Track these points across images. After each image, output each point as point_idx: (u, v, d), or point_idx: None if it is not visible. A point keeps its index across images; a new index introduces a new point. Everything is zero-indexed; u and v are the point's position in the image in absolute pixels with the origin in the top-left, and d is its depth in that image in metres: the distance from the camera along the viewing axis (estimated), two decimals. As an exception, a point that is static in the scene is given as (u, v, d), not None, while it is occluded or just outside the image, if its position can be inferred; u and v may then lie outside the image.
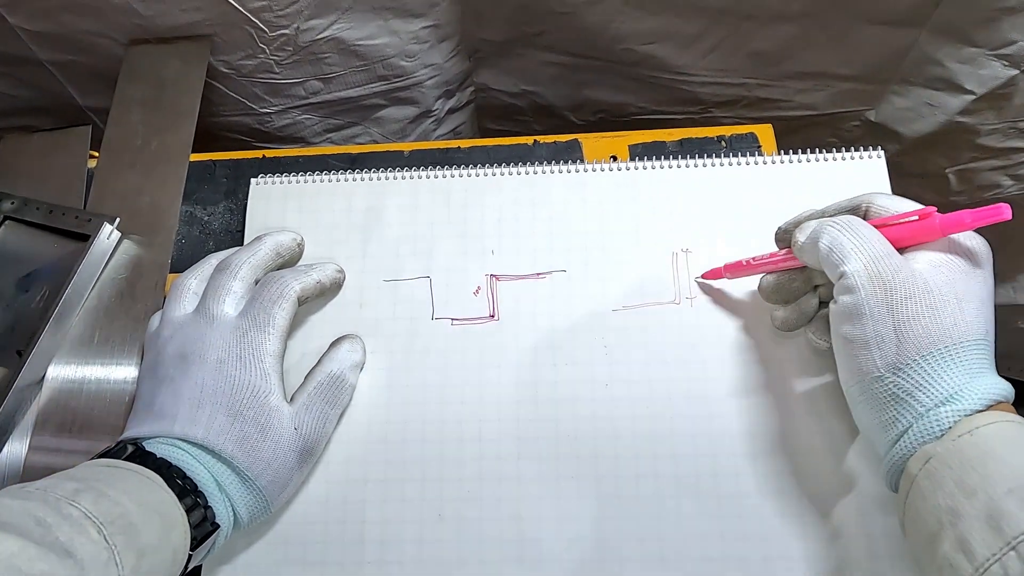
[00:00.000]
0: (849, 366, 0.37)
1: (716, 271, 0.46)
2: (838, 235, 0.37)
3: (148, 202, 0.52)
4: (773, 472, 0.42)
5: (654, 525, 0.42)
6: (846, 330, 0.36)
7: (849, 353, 0.36)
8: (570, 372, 0.46)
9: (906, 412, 0.34)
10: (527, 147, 0.54)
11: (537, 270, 0.48)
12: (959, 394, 0.33)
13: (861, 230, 0.37)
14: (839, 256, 0.36)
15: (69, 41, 0.58)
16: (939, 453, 0.33)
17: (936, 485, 0.32)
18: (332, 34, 0.59)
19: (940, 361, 0.34)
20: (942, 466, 0.32)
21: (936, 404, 0.34)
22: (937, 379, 0.34)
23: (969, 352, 0.34)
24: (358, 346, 0.46)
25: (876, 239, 0.36)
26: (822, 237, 0.37)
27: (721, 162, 0.50)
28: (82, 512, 0.33)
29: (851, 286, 0.36)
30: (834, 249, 0.36)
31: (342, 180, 0.51)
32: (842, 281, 0.36)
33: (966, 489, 0.31)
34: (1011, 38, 0.56)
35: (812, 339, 0.43)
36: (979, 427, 0.32)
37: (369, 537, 0.43)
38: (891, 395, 0.35)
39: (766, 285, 0.43)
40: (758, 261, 0.43)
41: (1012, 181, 0.69)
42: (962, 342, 0.34)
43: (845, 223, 0.37)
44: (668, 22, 0.60)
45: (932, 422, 0.33)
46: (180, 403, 0.40)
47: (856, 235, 0.36)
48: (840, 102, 0.68)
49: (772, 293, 0.43)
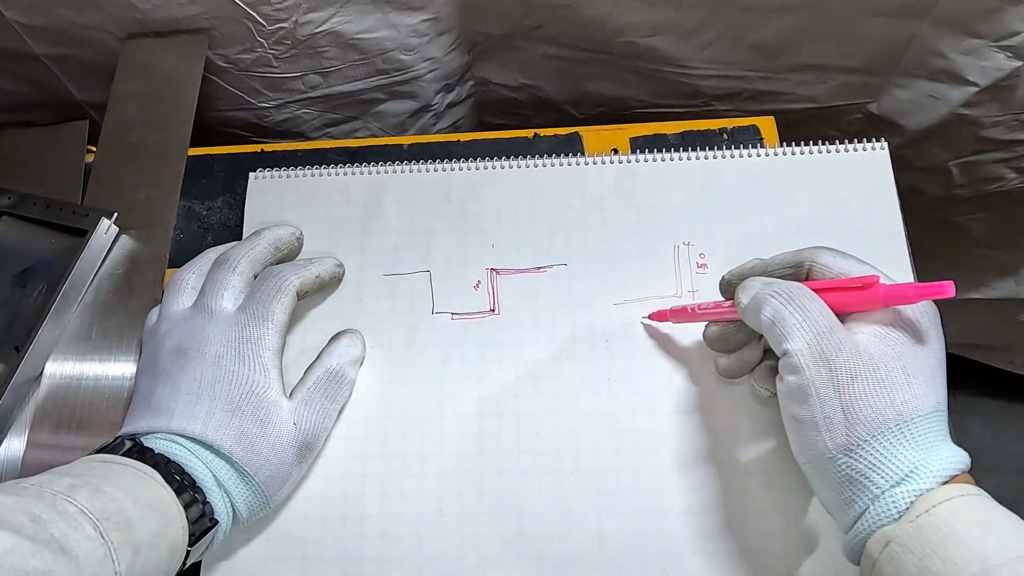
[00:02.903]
0: (800, 446, 0.36)
1: (662, 313, 0.45)
2: (780, 308, 0.36)
3: (146, 197, 0.52)
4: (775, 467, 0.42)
5: (655, 520, 0.42)
6: (794, 411, 0.35)
7: (799, 433, 0.35)
8: (571, 366, 0.45)
9: (862, 494, 0.34)
10: (527, 140, 0.54)
11: (538, 264, 0.48)
12: (915, 472, 0.33)
13: (804, 302, 0.35)
14: (781, 332, 0.35)
15: (65, 35, 0.57)
16: (899, 535, 0.32)
17: (898, 571, 0.32)
18: (331, 28, 0.58)
19: (892, 440, 0.33)
20: (903, 550, 0.32)
21: (891, 485, 0.33)
22: (891, 458, 0.33)
23: (921, 427, 0.34)
24: (358, 341, 0.46)
25: (819, 312, 0.35)
26: (763, 308, 0.36)
27: (723, 154, 0.49)
28: (78, 508, 0.33)
29: (795, 366, 0.35)
30: (776, 323, 0.36)
31: (341, 174, 0.51)
32: (786, 359, 0.35)
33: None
34: (1015, 29, 0.55)
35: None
36: (937, 504, 0.32)
37: (368, 532, 0.43)
38: (845, 476, 0.34)
39: (710, 334, 0.42)
40: (703, 310, 0.42)
41: (1015, 174, 0.68)
42: (913, 418, 0.34)
43: (787, 293, 0.36)
44: (668, 15, 0.60)
45: (889, 504, 0.33)
46: (178, 398, 0.40)
47: (799, 308, 0.35)
48: (842, 94, 0.67)
49: (715, 342, 0.42)
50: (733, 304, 0.39)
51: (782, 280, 0.38)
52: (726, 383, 0.44)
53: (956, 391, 1.21)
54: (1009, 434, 1.13)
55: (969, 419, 1.10)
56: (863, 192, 0.48)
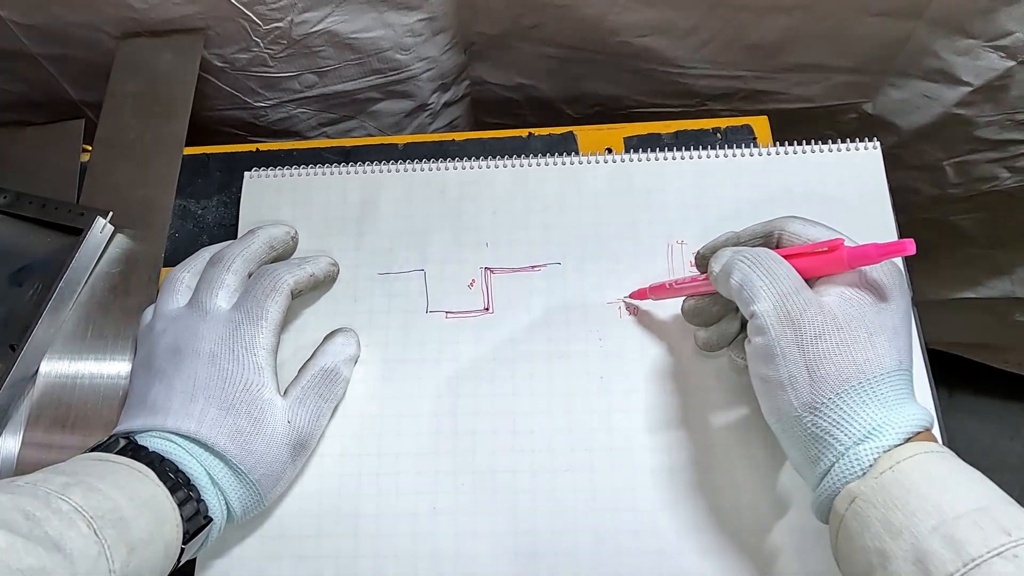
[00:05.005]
0: (768, 406, 0.37)
1: (642, 291, 0.46)
2: (748, 271, 0.36)
3: (141, 196, 0.52)
4: (767, 465, 0.42)
5: (650, 517, 0.42)
6: (761, 371, 0.36)
7: (767, 393, 0.36)
8: (564, 365, 0.45)
9: (827, 451, 0.34)
10: (522, 139, 0.54)
11: (532, 263, 0.48)
12: (878, 430, 0.33)
13: (771, 265, 0.36)
14: (749, 294, 0.36)
15: (61, 35, 0.57)
16: (863, 492, 0.33)
17: (863, 526, 0.32)
18: (326, 27, 0.59)
19: (855, 398, 0.34)
20: (867, 505, 0.32)
21: (855, 442, 0.33)
22: (854, 416, 0.34)
23: (883, 385, 0.34)
24: (352, 339, 0.46)
25: (785, 274, 0.36)
26: (733, 272, 0.37)
27: (717, 154, 0.50)
28: (72, 506, 0.33)
29: (762, 327, 0.36)
30: (744, 287, 0.36)
31: (336, 173, 0.51)
32: (753, 321, 0.36)
33: (892, 529, 0.31)
34: (1008, 29, 0.55)
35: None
36: (900, 461, 0.32)
37: (363, 530, 0.43)
38: (811, 434, 0.35)
39: (688, 308, 0.43)
40: (680, 284, 0.43)
41: (1009, 173, 0.69)
42: (876, 376, 0.34)
43: (754, 258, 0.37)
44: (664, 15, 0.60)
45: (853, 460, 0.33)
46: (173, 396, 0.40)
47: (766, 271, 0.36)
48: (837, 94, 0.68)
49: (693, 316, 0.43)
50: (707, 277, 0.40)
51: (751, 247, 0.39)
52: (718, 380, 0.44)
53: (951, 390, 1.22)
54: (1004, 433, 1.13)
55: (963, 418, 1.11)
56: (856, 191, 0.48)
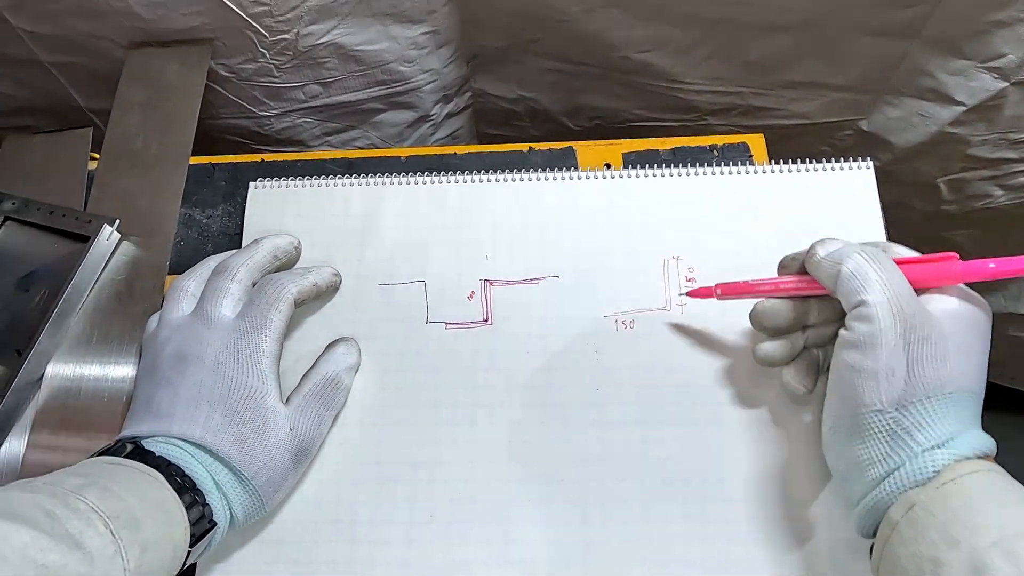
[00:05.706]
0: (846, 395, 0.36)
1: (707, 290, 0.43)
2: (864, 263, 0.36)
3: (147, 204, 0.53)
4: (759, 478, 0.43)
5: (641, 528, 0.43)
6: (854, 358, 0.36)
7: (851, 382, 0.36)
8: (561, 376, 0.46)
9: (901, 450, 0.35)
10: (522, 154, 0.55)
11: (531, 275, 0.49)
12: (954, 439, 0.34)
13: (887, 263, 0.37)
14: (861, 284, 0.36)
15: (71, 43, 0.58)
16: (922, 500, 0.33)
17: (919, 533, 0.32)
18: (332, 39, 0.59)
19: (942, 406, 0.35)
20: (925, 513, 0.33)
21: (932, 446, 0.34)
22: (937, 422, 0.34)
23: (967, 402, 0.35)
24: (353, 349, 0.47)
25: (900, 276, 0.36)
26: (847, 261, 0.37)
27: (713, 171, 0.50)
28: (89, 506, 0.33)
29: (870, 315, 0.35)
30: (856, 275, 0.36)
31: (339, 185, 0.52)
32: (860, 309, 0.36)
33: (949, 539, 0.31)
34: (1001, 51, 0.56)
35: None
36: (964, 474, 0.33)
37: (360, 538, 0.43)
38: (889, 431, 0.35)
39: (760, 310, 0.41)
40: (759, 284, 0.41)
41: (1003, 191, 0.70)
42: (964, 391, 0.35)
43: (872, 253, 0.37)
44: (664, 31, 0.61)
45: (927, 462, 0.34)
46: (178, 403, 0.41)
47: (882, 267, 0.36)
48: (833, 111, 0.68)
49: (765, 319, 0.41)
50: (794, 281, 0.40)
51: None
52: (711, 397, 0.45)
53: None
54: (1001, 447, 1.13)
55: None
56: (848, 209, 0.49)
